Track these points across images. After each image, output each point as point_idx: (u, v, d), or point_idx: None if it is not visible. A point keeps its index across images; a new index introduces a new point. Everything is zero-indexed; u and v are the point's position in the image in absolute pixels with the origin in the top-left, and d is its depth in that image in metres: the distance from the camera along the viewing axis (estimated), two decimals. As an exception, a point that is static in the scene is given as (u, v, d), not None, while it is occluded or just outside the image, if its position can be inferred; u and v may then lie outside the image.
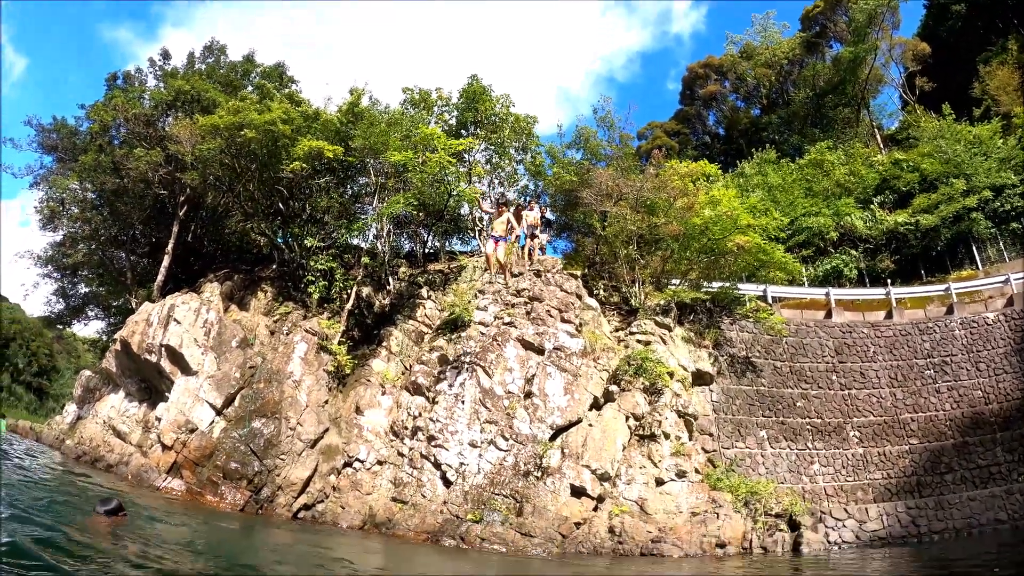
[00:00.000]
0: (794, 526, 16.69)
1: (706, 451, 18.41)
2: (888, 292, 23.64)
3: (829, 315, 23.14)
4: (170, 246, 22.95)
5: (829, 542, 17.33)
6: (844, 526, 18.19)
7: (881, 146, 37.49)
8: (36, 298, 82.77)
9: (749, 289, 22.88)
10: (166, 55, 27.60)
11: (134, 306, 22.35)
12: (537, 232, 20.08)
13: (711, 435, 19.03)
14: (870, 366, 21.84)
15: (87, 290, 32.51)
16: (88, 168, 23.23)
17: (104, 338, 30.95)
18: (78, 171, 23.96)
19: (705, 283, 21.17)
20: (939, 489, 19.09)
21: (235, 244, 24.60)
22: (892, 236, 28.56)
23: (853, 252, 28.82)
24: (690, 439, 17.59)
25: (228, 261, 23.37)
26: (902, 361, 21.83)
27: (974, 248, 26.86)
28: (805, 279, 26.83)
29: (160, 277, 22.60)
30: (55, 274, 30.83)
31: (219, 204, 23.21)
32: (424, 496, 15.31)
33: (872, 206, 30.06)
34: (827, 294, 23.86)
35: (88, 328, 39.92)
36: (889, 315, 23.00)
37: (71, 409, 23.83)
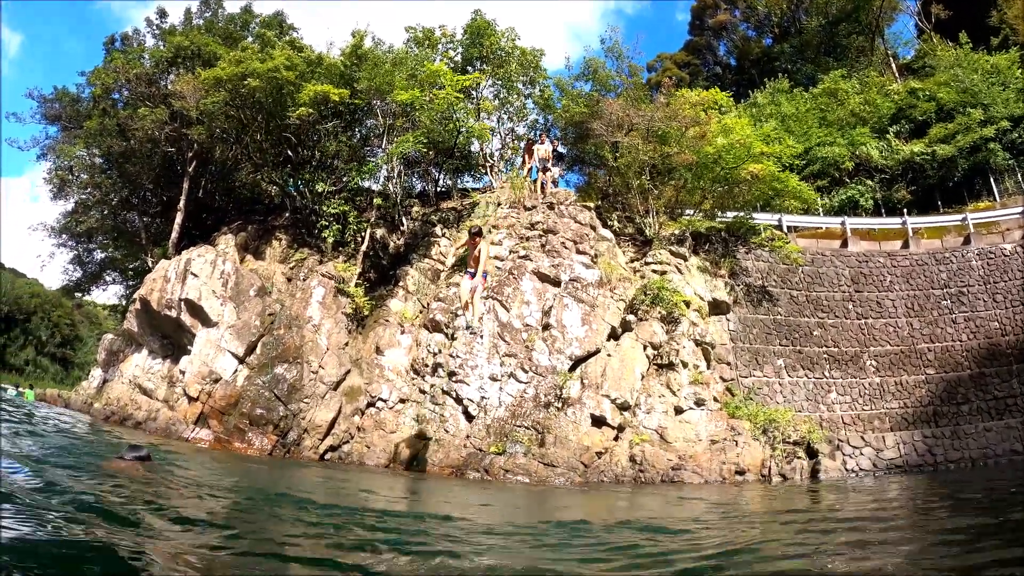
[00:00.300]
0: (812, 454, 16.82)
1: (724, 380, 18.55)
2: (904, 222, 23.34)
3: (845, 244, 22.95)
4: (182, 203, 23.02)
5: (847, 469, 17.49)
6: (861, 454, 18.34)
7: (896, 75, 36.43)
8: (53, 270, 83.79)
9: (764, 218, 22.65)
10: (163, 14, 27.25)
11: (150, 266, 22.56)
12: (549, 165, 19.90)
13: (729, 364, 19.15)
14: (887, 296, 21.73)
15: (103, 256, 32.83)
16: (94, 133, 23.21)
17: (123, 302, 31.33)
18: (84, 137, 23.97)
19: (719, 213, 20.98)
20: (955, 419, 19.14)
21: (246, 196, 24.62)
22: (908, 166, 28.00)
23: (869, 182, 28.34)
24: (708, 368, 17.69)
25: (240, 213, 23.43)
26: (919, 291, 21.70)
27: (991, 179, 26.37)
28: (820, 209, 26.51)
29: (174, 234, 22.74)
30: (70, 242, 31.11)
31: (228, 157, 23.16)
32: (447, 431, 15.57)
33: (888, 136, 29.40)
34: (843, 223, 23.61)
35: (107, 294, 40.42)
36: (905, 245, 22.77)
37: (96, 374, 24.11)
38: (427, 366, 16.56)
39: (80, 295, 39.15)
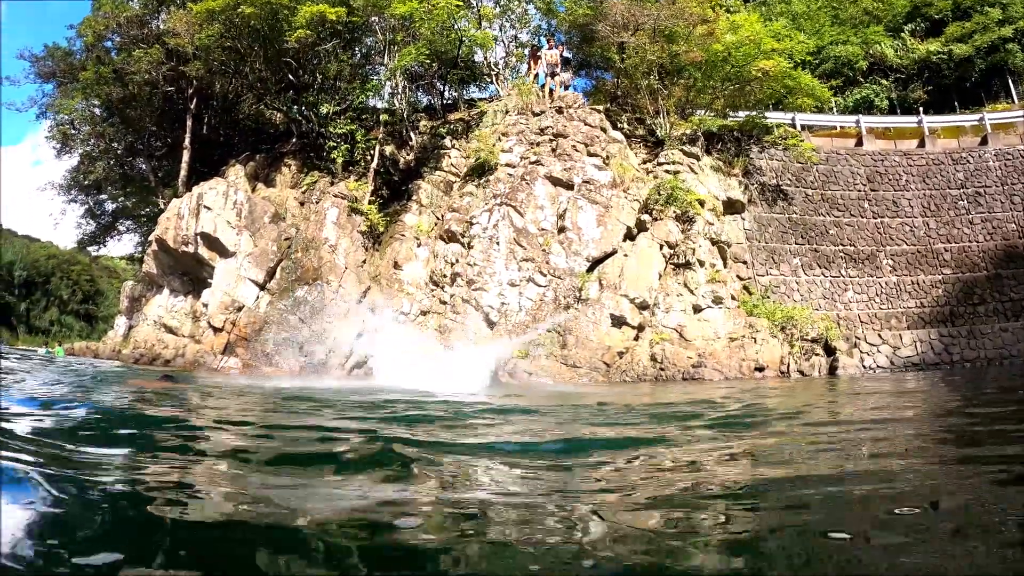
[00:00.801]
0: (830, 351, 16.98)
1: (741, 278, 18.64)
2: (920, 121, 22.88)
3: (860, 143, 22.60)
4: (187, 141, 22.91)
5: (864, 367, 17.67)
6: (878, 351, 18.47)
7: (911, -29, 34.96)
8: (66, 229, 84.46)
9: (777, 117, 22.28)
10: (143, -47, 26.43)
11: (163, 207, 22.62)
12: (557, 71, 19.54)
13: (745, 262, 19.21)
14: (902, 195, 21.51)
15: (114, 206, 33.00)
16: (90, 83, 22.90)
17: (140, 249, 31.63)
18: (81, 89, 23.65)
19: (731, 112, 20.62)
20: (972, 319, 19.22)
21: (251, 127, 24.39)
22: (924, 66, 27.29)
23: (884, 82, 27.69)
24: (724, 266, 17.74)
25: (248, 145, 23.27)
26: (935, 191, 21.44)
27: (1009, 81, 25.75)
28: (834, 108, 26.00)
29: (183, 173, 22.72)
30: (80, 197, 31.24)
31: (229, 91, 22.86)
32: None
33: (903, 34, 28.54)
34: (857, 122, 23.20)
35: (122, 244, 40.71)
36: (922, 144, 22.37)
37: (121, 322, 24.36)
38: (446, 276, 16.73)
39: (96, 248, 39.47)
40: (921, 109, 24.31)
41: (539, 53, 19.88)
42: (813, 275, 20.31)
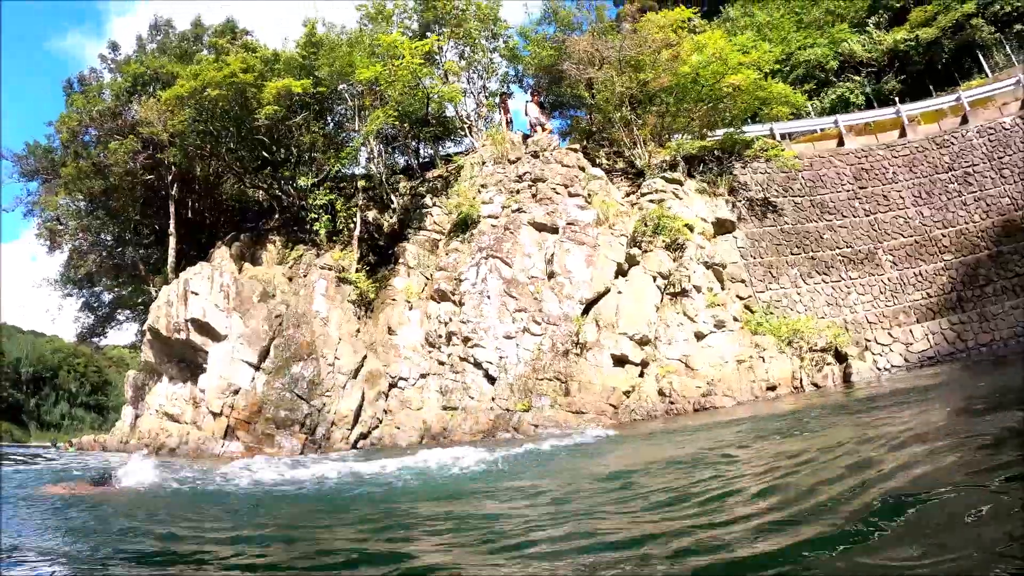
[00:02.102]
0: (841, 358, 16.63)
1: (741, 298, 18.28)
2: (898, 110, 22.69)
3: (841, 143, 22.40)
4: (171, 226, 22.92)
5: (878, 368, 17.30)
6: (891, 350, 18.14)
7: (867, -35, 35.35)
8: (65, 322, 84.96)
9: (755, 130, 22.18)
10: (115, 47, 26.94)
11: (154, 295, 22.52)
12: (543, 122, 19.52)
13: (743, 281, 18.86)
14: (892, 188, 21.24)
15: (110, 296, 33.01)
16: (72, 178, 23.03)
17: (140, 338, 31.52)
18: (63, 184, 23.80)
19: (709, 132, 20.50)
20: (980, 302, 18.75)
21: (235, 207, 24.47)
22: (894, 56, 27.34)
23: (856, 78, 27.70)
24: (722, 289, 17.43)
25: (233, 225, 23.31)
26: (923, 178, 21.17)
27: (980, 57, 25.63)
28: (812, 112, 25.94)
29: (171, 259, 22.68)
30: (75, 291, 31.29)
31: (209, 173, 22.94)
32: (472, 398, 15.48)
33: (868, 28, 28.69)
34: (836, 122, 23.02)
35: (125, 334, 40.56)
36: (903, 133, 22.16)
37: (128, 412, 24.20)
38: (440, 336, 16.44)
39: (96, 340, 39.44)
40: (897, 99, 24.21)
41: (508, 101, 19.93)
42: (814, 283, 19.95)
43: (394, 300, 17.40)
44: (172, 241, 22.80)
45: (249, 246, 20.76)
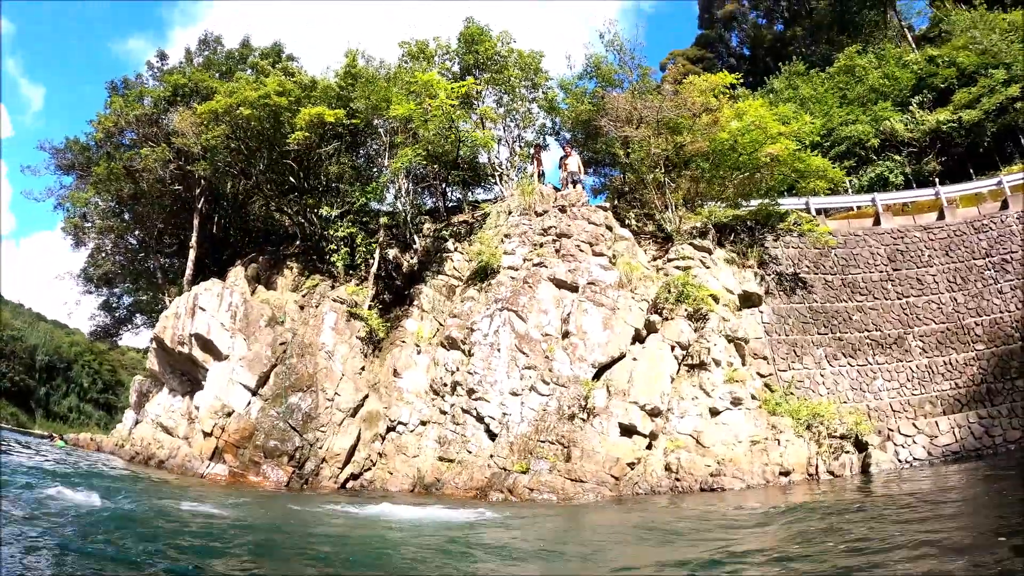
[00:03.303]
0: (861, 447, 15.76)
1: (761, 375, 17.56)
2: (937, 192, 22.14)
3: (877, 222, 21.78)
4: (193, 240, 22.92)
5: (900, 460, 16.41)
6: (914, 442, 17.21)
7: (913, 46, 35.21)
8: (81, 318, 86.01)
9: (790, 203, 21.67)
10: (163, 56, 27.45)
11: (168, 305, 22.44)
12: (580, 176, 19.24)
13: (765, 358, 18.15)
14: (926, 271, 20.52)
15: (131, 300, 33.17)
16: (102, 178, 23.24)
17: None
18: (93, 183, 24.04)
19: (743, 201, 20.01)
20: (1011, 395, 17.83)
21: (261, 229, 24.42)
22: (935, 136, 26.91)
23: (897, 157, 27.21)
24: (743, 364, 16.71)
25: (256, 246, 23.24)
26: (959, 263, 20.45)
27: (1022, 140, 25.01)
28: (849, 188, 25.44)
29: (188, 271, 22.61)
30: (95, 289, 31.47)
31: (239, 192, 22.93)
32: (470, 452, 14.88)
33: (911, 107, 28.30)
34: (873, 200, 22.47)
35: (141, 337, 40.76)
36: (941, 216, 21.53)
37: (129, 415, 24.39)
38: (446, 385, 15.92)
39: (111, 340, 39.67)
40: (937, 180, 23.70)
41: (542, 153, 19.68)
42: (839, 366, 19.16)
43: (404, 342, 16.95)
44: (192, 254, 22.77)
45: (266, 269, 20.60)
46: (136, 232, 26.93)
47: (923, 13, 40.40)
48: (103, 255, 28.72)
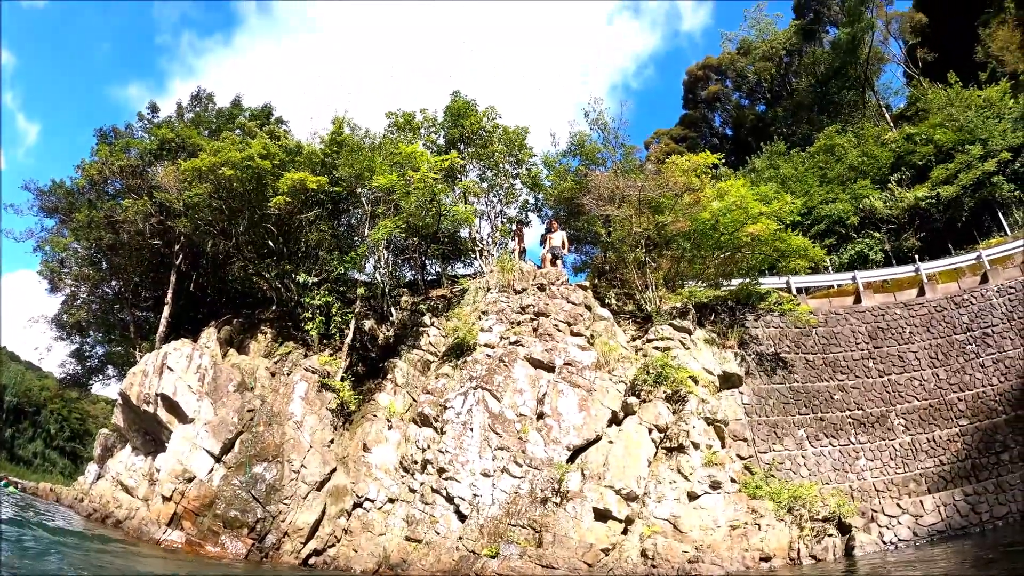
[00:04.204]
0: (844, 529, 15.38)
1: (741, 458, 17.22)
2: (917, 268, 22.36)
3: (858, 300, 21.90)
4: (169, 296, 22.52)
5: (884, 542, 16.02)
6: (899, 523, 16.86)
7: (891, 124, 36.40)
8: (51, 363, 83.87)
9: (771, 283, 21.76)
10: (154, 108, 27.55)
11: (138, 360, 21.92)
12: (563, 251, 19.21)
13: (745, 440, 17.85)
14: (908, 348, 20.56)
15: (104, 350, 32.42)
16: (82, 225, 22.97)
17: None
18: (73, 229, 23.77)
19: (723, 281, 20.03)
20: (997, 470, 17.79)
21: (238, 290, 24.06)
22: (914, 213, 27.42)
23: (876, 234, 27.61)
24: (722, 447, 16.37)
25: (232, 308, 22.84)
26: (941, 339, 20.53)
27: (1000, 214, 25.75)
28: (830, 267, 25.66)
29: (161, 328, 22.12)
30: (67, 336, 30.77)
31: (219, 251, 22.74)
32: (438, 533, 14.30)
33: (890, 185, 28.93)
34: (853, 278, 22.62)
35: (112, 388, 39.72)
36: (921, 292, 21.71)
37: (92, 469, 23.81)
38: (416, 463, 15.42)
39: (81, 389, 38.71)
40: (916, 256, 23.94)
41: (523, 230, 19.73)
42: (820, 446, 18.90)
43: (375, 416, 16.48)
44: (167, 311, 22.33)
45: (239, 332, 20.22)
46: (112, 283, 26.52)
47: (900, 92, 42.08)
48: (78, 302, 28.22)
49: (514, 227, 21.00)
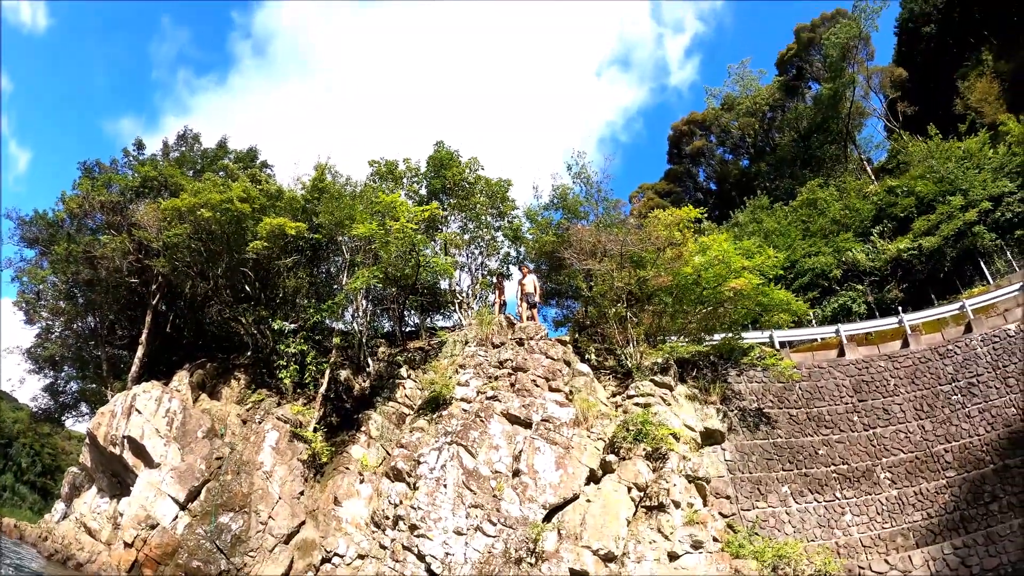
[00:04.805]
0: (831, 587, 15.00)
1: (724, 516, 16.86)
2: (901, 320, 22.20)
3: (842, 353, 21.73)
4: (143, 336, 22.08)
5: (872, 600, 15.61)
6: (887, 579, 16.46)
7: (873, 178, 36.90)
8: (24, 396, 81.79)
9: (754, 337, 21.58)
10: (140, 146, 27.42)
11: (110, 399, 21.40)
12: (535, 299, 19.03)
13: (728, 498, 17.50)
14: (892, 400, 20.30)
15: (78, 387, 31.71)
16: (60, 258, 22.66)
17: (88, 437, 29.86)
18: (52, 261, 23.46)
19: (706, 336, 19.85)
20: (986, 521, 17.28)
21: (215, 334, 23.67)
22: (897, 264, 27.46)
23: (859, 287, 27.62)
24: (704, 505, 16.01)
25: (208, 352, 22.41)
26: (926, 390, 20.26)
27: (982, 264, 25.69)
28: (813, 320, 25.58)
29: (134, 368, 21.65)
30: (42, 369, 30.09)
31: (197, 293, 22.42)
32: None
33: (872, 237, 29.07)
34: (837, 331, 22.48)
35: (85, 425, 38.80)
36: (905, 344, 21.52)
37: (59, 507, 23.36)
38: (388, 518, 14.93)
39: (53, 425, 37.85)
40: (900, 308, 23.85)
41: (520, 281, 19.56)
42: (805, 502, 18.49)
43: (347, 468, 16.08)
44: (141, 350, 21.88)
45: (213, 377, 19.82)
46: (88, 319, 26.04)
47: (881, 146, 42.80)
48: (53, 336, 27.69)
49: (495, 280, 20.83)
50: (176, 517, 15.98)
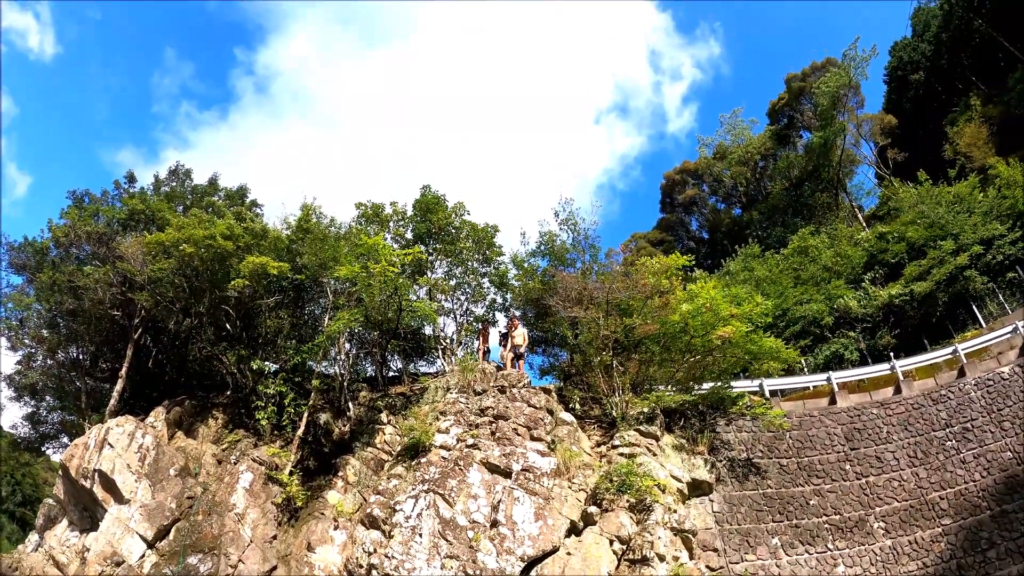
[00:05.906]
0: (823, 644, 14.57)
1: (711, 569, 16.47)
2: (893, 366, 22.00)
3: (833, 401, 21.52)
4: (124, 370, 21.73)
5: (866, 658, 15.09)
6: (883, 633, 15.98)
7: (864, 225, 37.16)
8: (8, 422, 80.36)
9: (743, 386, 21.37)
10: (131, 179, 27.36)
11: (87, 431, 21.00)
12: (523, 351, 18.88)
13: (716, 550, 17.08)
14: (885, 448, 20.04)
15: (58, 417, 31.20)
16: (45, 286, 22.47)
17: (62, 469, 29.26)
18: (37, 289, 23.26)
19: (694, 384, 19.64)
20: (983, 568, 17.05)
21: (197, 371, 23.40)
22: (889, 310, 27.44)
23: (851, 334, 27.53)
24: (691, 558, 15.59)
25: (188, 389, 22.14)
26: (920, 436, 20.02)
27: (974, 307, 25.67)
28: (805, 368, 25.36)
29: (112, 402, 21.29)
30: (22, 398, 29.63)
31: (180, 329, 22.12)
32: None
33: (864, 284, 29.14)
34: (828, 379, 22.29)
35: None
36: (898, 390, 21.36)
37: (33, 539, 22.28)
38: (361, 567, 14.49)
39: (33, 454, 37.20)
40: (892, 354, 23.67)
41: (489, 328, 19.42)
42: (796, 554, 18.06)
43: (322, 514, 15.71)
44: (119, 384, 21.50)
45: (190, 414, 19.48)
46: (71, 349, 25.71)
47: (872, 193, 43.31)
48: (34, 365, 27.28)
49: (479, 326, 20.67)
50: (143, 555, 15.58)
